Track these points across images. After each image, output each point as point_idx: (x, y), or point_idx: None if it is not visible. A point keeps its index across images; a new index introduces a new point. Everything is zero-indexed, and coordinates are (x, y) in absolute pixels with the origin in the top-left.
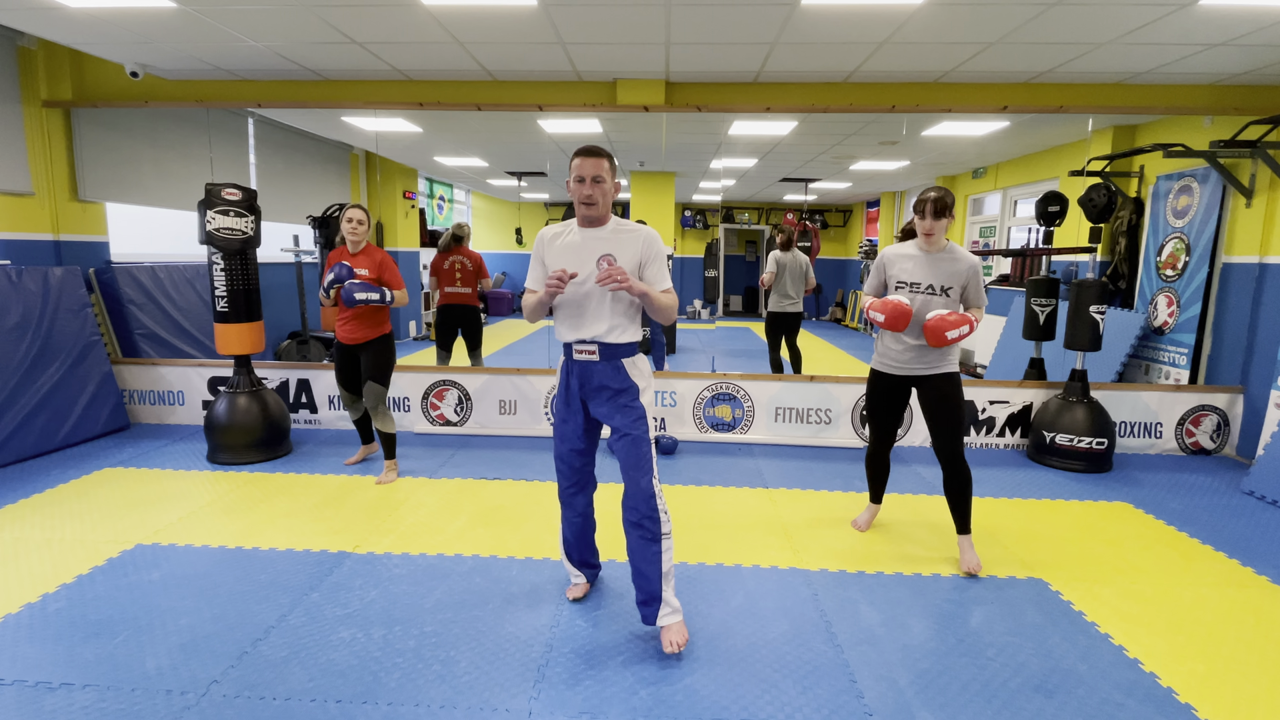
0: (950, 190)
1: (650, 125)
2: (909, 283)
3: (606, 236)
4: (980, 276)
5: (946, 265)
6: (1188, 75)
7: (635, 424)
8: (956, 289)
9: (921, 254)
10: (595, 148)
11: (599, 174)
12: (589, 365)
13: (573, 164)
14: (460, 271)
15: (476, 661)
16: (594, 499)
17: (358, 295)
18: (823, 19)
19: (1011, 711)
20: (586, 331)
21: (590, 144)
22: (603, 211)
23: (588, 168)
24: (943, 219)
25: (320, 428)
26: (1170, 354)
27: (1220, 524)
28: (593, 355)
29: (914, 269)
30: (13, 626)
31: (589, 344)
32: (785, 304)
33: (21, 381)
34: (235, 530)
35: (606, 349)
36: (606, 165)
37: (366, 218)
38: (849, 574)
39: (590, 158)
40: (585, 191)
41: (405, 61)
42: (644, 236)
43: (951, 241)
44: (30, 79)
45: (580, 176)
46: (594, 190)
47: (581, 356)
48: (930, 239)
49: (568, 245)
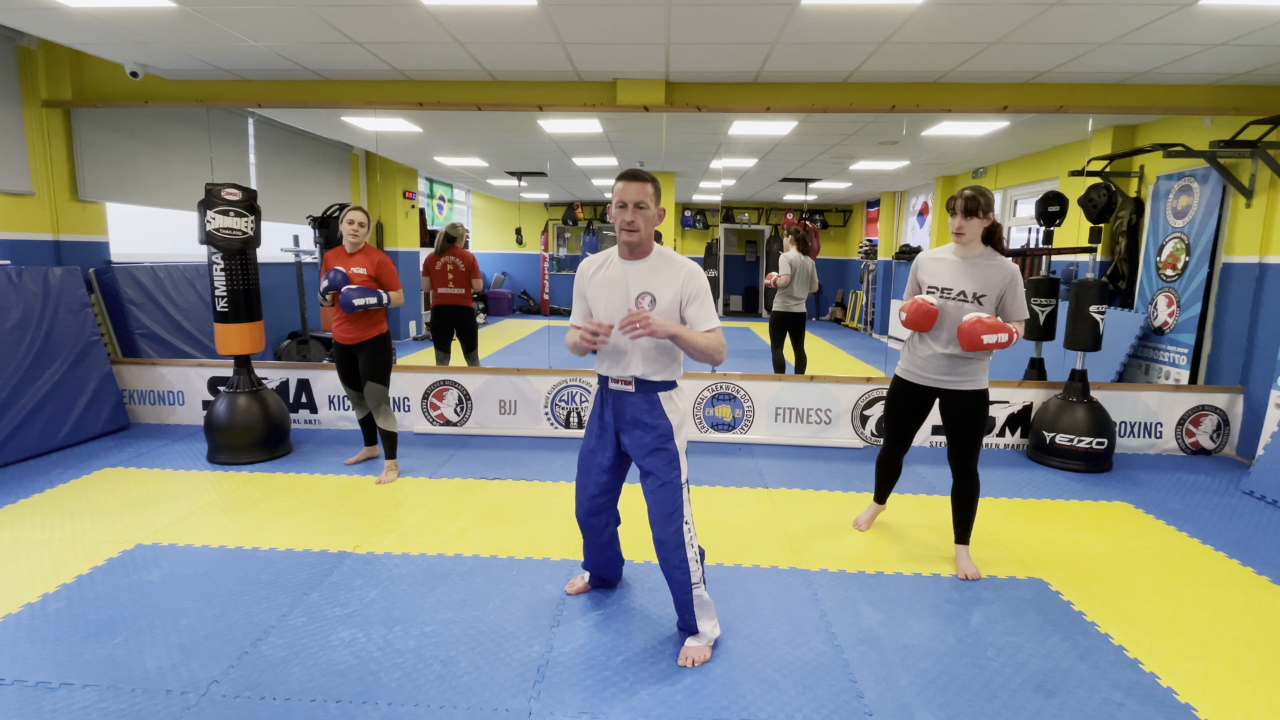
0: (986, 190)
1: (650, 125)
2: (939, 288)
3: (646, 273)
4: (1020, 286)
5: (981, 271)
6: (1188, 75)
7: (668, 468)
8: (992, 297)
9: (955, 258)
10: (639, 171)
11: (642, 199)
12: (623, 396)
13: (615, 188)
14: (453, 272)
15: (476, 661)
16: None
17: (356, 301)
18: (823, 19)
19: (1011, 711)
20: (623, 370)
21: (633, 168)
22: (644, 238)
23: (630, 193)
24: (974, 218)
25: (320, 428)
26: (1170, 354)
27: (1220, 524)
28: (629, 387)
29: (945, 273)
30: (13, 626)
31: (624, 379)
32: (791, 304)
33: (21, 381)
34: (235, 530)
35: (643, 384)
36: (650, 190)
37: (366, 219)
38: (849, 574)
39: (633, 182)
40: (627, 218)
41: (405, 61)
42: (687, 272)
43: (990, 247)
44: (30, 79)
45: (622, 202)
46: (636, 217)
47: (617, 387)
48: (962, 239)
49: (608, 280)
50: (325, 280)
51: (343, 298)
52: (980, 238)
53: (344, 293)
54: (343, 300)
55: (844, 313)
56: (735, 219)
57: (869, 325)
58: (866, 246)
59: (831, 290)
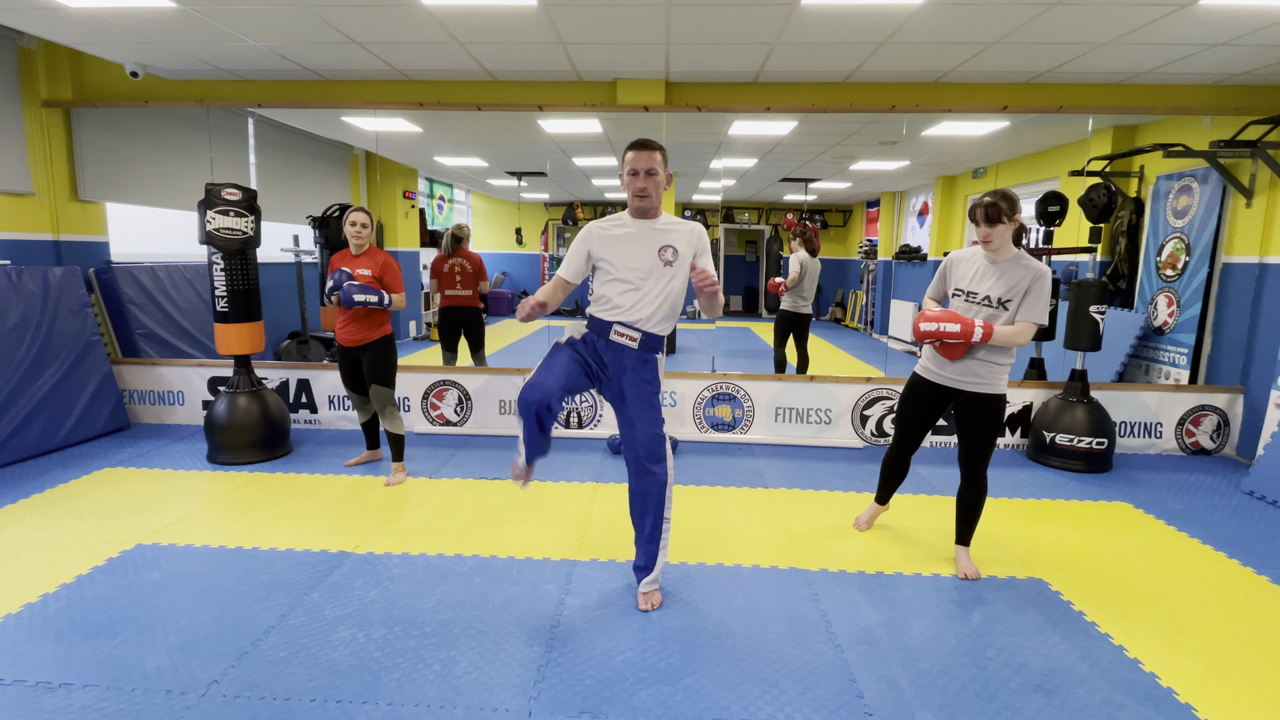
0: (1009, 193)
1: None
2: (966, 290)
3: (663, 229)
4: (1044, 290)
5: (1011, 275)
6: (1188, 75)
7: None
8: (1016, 301)
9: (985, 261)
10: (648, 141)
11: (652, 167)
12: (623, 350)
13: (626, 157)
14: (460, 274)
15: (476, 661)
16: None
17: (356, 296)
18: (823, 19)
19: (1011, 711)
20: (634, 315)
21: (643, 137)
22: (655, 203)
23: (641, 161)
24: (997, 225)
25: (320, 428)
26: (1170, 354)
27: (1220, 524)
28: (633, 342)
29: (975, 276)
30: (13, 626)
31: (633, 329)
32: (799, 304)
33: (21, 381)
34: (235, 530)
35: (648, 339)
36: (659, 158)
37: (369, 221)
38: (849, 574)
39: (644, 151)
40: (639, 185)
41: (405, 61)
42: (693, 230)
43: (1023, 251)
44: (30, 79)
45: (634, 170)
46: (648, 183)
47: (620, 339)
48: (990, 246)
49: (626, 236)
50: (330, 282)
51: (343, 293)
52: (1011, 240)
53: (344, 288)
54: (343, 295)
55: (844, 313)
56: (735, 219)
57: (869, 325)
58: (866, 246)
59: (831, 290)
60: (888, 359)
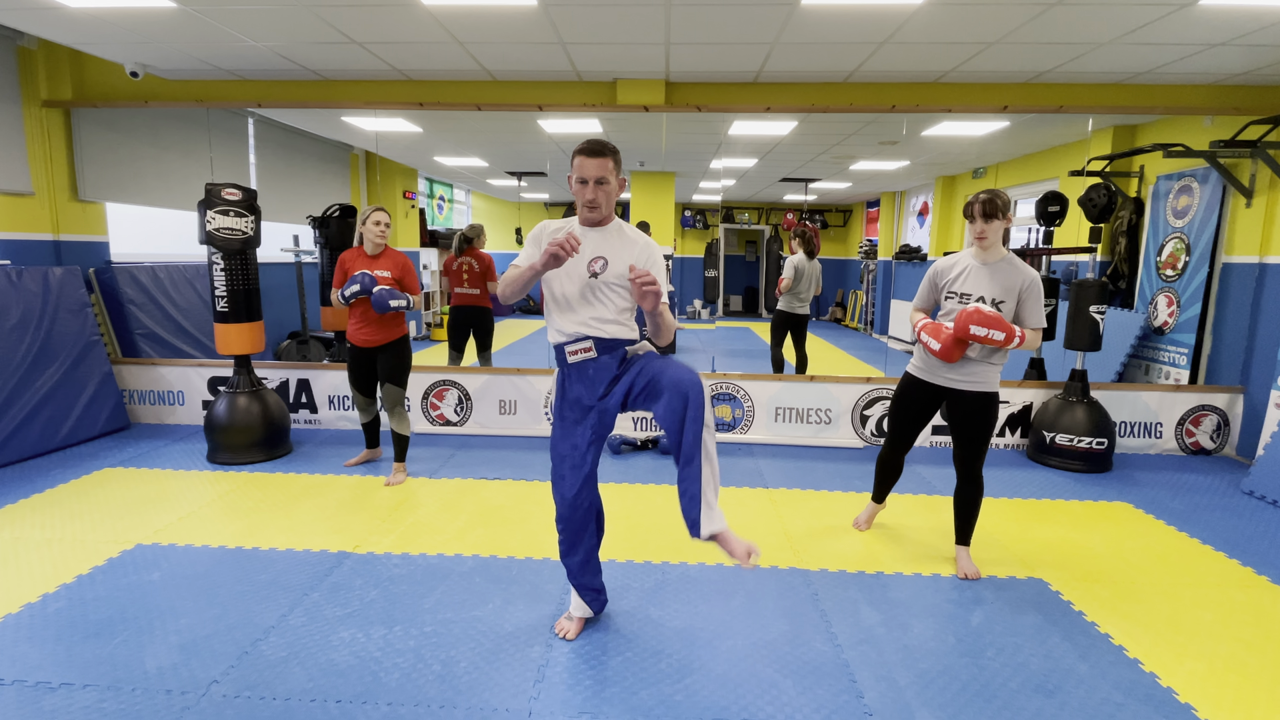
0: (1003, 192)
1: (650, 125)
2: (959, 293)
3: (600, 239)
4: (1039, 294)
5: (1002, 277)
6: (1188, 75)
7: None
8: (1010, 304)
9: (976, 263)
10: (598, 145)
11: (602, 175)
12: (585, 365)
13: (574, 162)
14: (468, 273)
15: (476, 661)
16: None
17: (391, 303)
18: (823, 19)
19: (1011, 711)
20: (579, 326)
21: (593, 139)
22: (606, 214)
23: (590, 169)
24: (994, 220)
25: (320, 428)
26: (1170, 354)
27: (1220, 524)
28: (589, 353)
29: (966, 278)
30: (13, 626)
31: (584, 341)
32: (796, 305)
33: (21, 381)
34: (235, 530)
35: (604, 343)
36: (610, 165)
37: (390, 221)
38: (849, 574)
39: (593, 158)
40: (588, 195)
41: (405, 61)
42: (643, 245)
43: (1011, 253)
44: (30, 79)
45: (583, 179)
46: (597, 194)
47: (577, 357)
48: (984, 243)
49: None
50: (354, 284)
51: (375, 299)
52: (1000, 240)
53: (376, 294)
54: (376, 302)
55: (844, 313)
56: (735, 219)
57: (869, 325)
58: (866, 246)
59: (831, 290)
60: (887, 359)
